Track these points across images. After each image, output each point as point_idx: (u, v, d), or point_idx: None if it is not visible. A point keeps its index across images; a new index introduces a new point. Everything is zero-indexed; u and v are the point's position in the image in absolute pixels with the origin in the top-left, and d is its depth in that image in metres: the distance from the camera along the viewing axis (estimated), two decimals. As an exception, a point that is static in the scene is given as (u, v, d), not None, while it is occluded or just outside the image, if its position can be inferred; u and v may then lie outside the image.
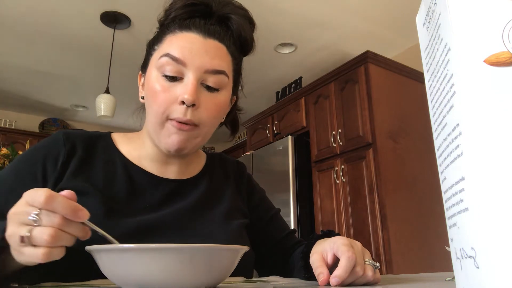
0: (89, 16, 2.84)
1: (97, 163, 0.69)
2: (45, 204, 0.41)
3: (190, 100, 0.63)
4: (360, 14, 2.82)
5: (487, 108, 0.23)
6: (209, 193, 0.75)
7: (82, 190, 0.62)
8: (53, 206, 0.41)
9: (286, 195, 2.96)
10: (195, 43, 0.66)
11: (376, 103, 2.58)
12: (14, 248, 0.42)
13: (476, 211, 0.23)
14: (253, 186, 0.86)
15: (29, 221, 0.41)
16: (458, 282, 0.28)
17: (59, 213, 0.41)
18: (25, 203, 0.42)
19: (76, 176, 0.65)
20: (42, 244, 0.41)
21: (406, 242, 2.40)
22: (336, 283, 0.49)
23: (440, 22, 0.28)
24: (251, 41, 0.77)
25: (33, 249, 0.41)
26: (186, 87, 0.64)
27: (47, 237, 0.41)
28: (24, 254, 0.41)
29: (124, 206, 0.64)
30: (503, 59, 0.24)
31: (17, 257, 0.43)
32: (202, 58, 0.65)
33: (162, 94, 0.65)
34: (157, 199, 0.69)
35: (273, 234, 0.81)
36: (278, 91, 3.75)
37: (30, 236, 0.41)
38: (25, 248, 0.41)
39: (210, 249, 0.40)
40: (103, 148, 0.72)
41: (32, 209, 0.41)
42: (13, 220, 0.42)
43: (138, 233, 0.60)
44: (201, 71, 0.65)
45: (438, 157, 0.31)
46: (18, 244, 0.41)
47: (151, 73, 0.67)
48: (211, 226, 0.69)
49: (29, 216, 0.41)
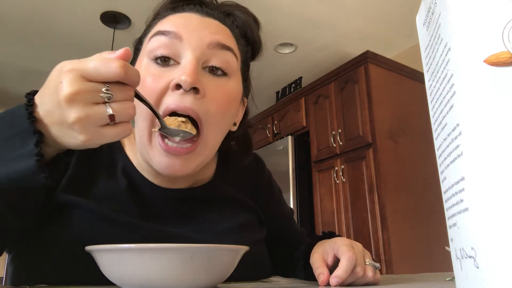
0: (89, 16, 2.84)
1: (98, 168, 0.60)
2: (124, 75, 0.36)
3: (189, 81, 0.48)
4: (360, 14, 2.82)
5: (487, 108, 0.23)
6: (222, 204, 0.64)
7: (78, 202, 0.54)
8: (129, 76, 0.37)
9: (286, 195, 2.96)
10: (192, 20, 0.55)
11: (376, 103, 2.58)
12: (84, 132, 0.37)
13: (476, 211, 0.23)
14: (273, 191, 0.77)
15: (102, 99, 0.36)
16: (458, 282, 0.28)
17: (131, 83, 0.38)
18: (81, 79, 0.36)
19: (73, 185, 0.56)
20: (125, 120, 0.38)
21: (406, 242, 2.40)
22: (336, 283, 0.49)
23: (440, 22, 0.28)
24: (259, 42, 0.66)
25: (115, 128, 0.38)
26: (183, 68, 0.50)
27: (132, 111, 0.38)
28: (105, 135, 0.38)
29: (127, 220, 0.55)
30: (503, 59, 0.24)
31: (87, 142, 0.38)
32: (202, 33, 0.53)
33: (151, 84, 0.51)
34: (161, 213, 0.59)
35: (287, 241, 0.76)
36: (278, 91, 3.75)
37: (115, 113, 0.37)
38: (105, 129, 0.37)
39: (210, 249, 0.40)
40: (108, 147, 0.62)
41: (99, 85, 0.36)
42: (79, 101, 0.36)
43: None
44: (203, 47, 0.52)
45: (438, 157, 0.31)
46: (97, 126, 0.37)
47: (141, 63, 0.55)
48: (223, 242, 0.58)
49: (102, 94, 0.36)
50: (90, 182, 0.58)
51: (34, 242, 0.54)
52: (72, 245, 0.51)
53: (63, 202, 0.55)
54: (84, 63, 0.36)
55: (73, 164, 0.58)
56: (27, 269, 0.54)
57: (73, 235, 0.53)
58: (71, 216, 0.54)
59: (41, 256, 0.53)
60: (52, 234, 0.53)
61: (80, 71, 0.36)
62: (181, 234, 0.57)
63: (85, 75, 0.36)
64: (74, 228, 0.53)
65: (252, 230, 0.66)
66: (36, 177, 0.39)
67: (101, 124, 0.37)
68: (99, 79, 0.36)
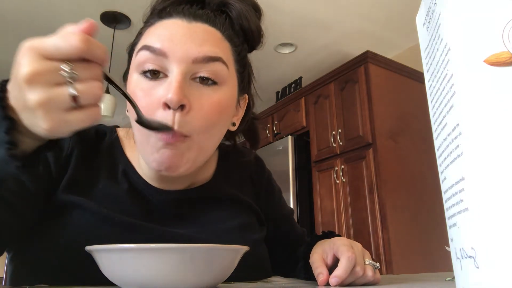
0: (89, 16, 2.83)
1: (99, 168, 0.60)
2: (86, 49, 0.32)
3: (175, 100, 0.48)
4: (360, 14, 2.81)
5: (487, 108, 0.23)
6: (222, 204, 0.64)
7: (78, 202, 0.54)
8: (93, 51, 0.33)
9: (286, 195, 2.95)
10: (177, 29, 0.53)
11: (376, 103, 2.58)
12: (47, 119, 0.33)
13: (476, 211, 0.23)
14: (273, 190, 0.77)
15: (64, 79, 0.33)
16: (458, 282, 0.28)
17: (97, 60, 0.34)
18: (40, 57, 0.33)
19: (73, 185, 0.56)
20: (91, 102, 0.34)
21: (406, 242, 2.40)
22: (336, 283, 0.49)
23: (440, 22, 0.28)
24: (258, 31, 0.63)
25: (81, 112, 0.34)
26: (169, 85, 0.49)
27: (99, 91, 0.34)
28: (70, 120, 0.34)
29: (127, 220, 0.55)
30: (503, 59, 0.24)
31: (52, 130, 0.34)
32: (186, 45, 0.51)
33: (143, 100, 0.51)
34: (161, 214, 0.59)
35: (287, 241, 0.76)
36: (278, 91, 3.75)
37: (79, 94, 0.33)
38: (70, 113, 0.33)
39: (210, 249, 0.40)
40: (108, 148, 0.62)
41: (58, 63, 0.33)
42: (38, 83, 0.32)
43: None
44: (188, 62, 0.51)
45: (438, 157, 0.31)
46: (60, 110, 0.33)
47: (131, 78, 0.54)
48: (223, 243, 0.57)
49: (62, 72, 0.32)
50: (91, 183, 0.58)
51: (34, 242, 0.54)
52: (72, 245, 0.51)
53: (64, 202, 0.55)
54: (43, 40, 0.33)
55: (73, 165, 0.58)
56: (27, 269, 0.54)
57: (73, 235, 0.53)
58: (72, 216, 0.54)
59: (41, 256, 0.53)
60: (52, 234, 0.53)
61: (39, 49, 0.33)
62: (182, 235, 0.57)
63: (44, 53, 0.33)
64: (75, 228, 0.53)
65: (252, 230, 0.66)
66: (7, 167, 0.38)
67: (65, 107, 0.33)
68: (59, 56, 0.33)
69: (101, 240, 0.42)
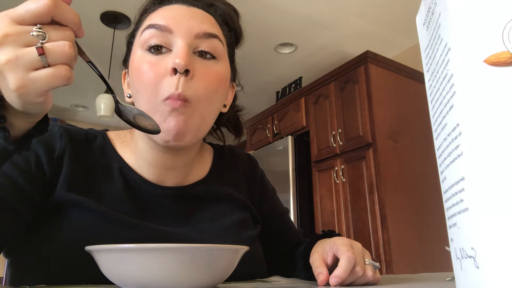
0: (89, 16, 2.84)
1: (93, 168, 0.60)
2: (54, 7, 0.33)
3: (182, 64, 0.53)
4: (360, 14, 2.82)
5: (487, 108, 0.23)
6: (217, 201, 0.66)
7: (77, 201, 0.55)
8: (63, 11, 0.34)
9: (286, 195, 2.96)
10: (179, 11, 0.59)
11: (376, 103, 2.58)
12: (15, 77, 0.33)
13: (476, 211, 0.23)
14: (266, 188, 0.79)
15: (33, 39, 0.33)
16: (458, 282, 0.28)
17: (67, 22, 0.34)
18: (11, 22, 0.33)
19: (70, 184, 0.56)
20: (61, 61, 0.34)
21: (406, 242, 2.40)
22: (336, 283, 0.49)
23: (440, 22, 0.28)
24: (240, 31, 0.70)
25: (49, 69, 0.33)
26: (176, 53, 0.55)
27: (68, 49, 0.33)
28: (39, 80, 0.33)
29: (125, 219, 0.56)
30: (503, 59, 0.24)
31: (23, 99, 0.34)
32: (189, 23, 0.58)
33: (149, 71, 0.55)
34: (158, 212, 0.61)
35: (282, 238, 0.78)
36: (278, 91, 3.75)
37: (46, 51, 0.33)
38: (39, 72, 0.33)
39: (210, 249, 0.40)
40: (100, 149, 0.63)
41: (29, 27, 0.33)
42: (9, 43, 0.33)
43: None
44: (191, 37, 0.57)
45: (438, 157, 0.31)
46: (28, 69, 0.33)
47: (135, 55, 0.59)
48: (220, 240, 0.60)
49: (33, 33, 0.33)
50: (88, 182, 0.58)
51: (33, 242, 0.54)
52: (72, 245, 0.51)
53: (62, 201, 0.55)
54: (16, 7, 0.34)
55: (68, 164, 0.58)
56: (27, 269, 0.54)
57: (72, 235, 0.53)
58: (70, 215, 0.54)
59: (40, 256, 0.53)
60: (51, 233, 0.53)
61: (11, 14, 0.34)
62: (178, 233, 0.58)
63: (17, 18, 0.34)
64: (73, 228, 0.54)
65: (247, 227, 0.67)
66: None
67: (33, 66, 0.33)
68: (29, 19, 0.34)
69: (100, 239, 0.42)
